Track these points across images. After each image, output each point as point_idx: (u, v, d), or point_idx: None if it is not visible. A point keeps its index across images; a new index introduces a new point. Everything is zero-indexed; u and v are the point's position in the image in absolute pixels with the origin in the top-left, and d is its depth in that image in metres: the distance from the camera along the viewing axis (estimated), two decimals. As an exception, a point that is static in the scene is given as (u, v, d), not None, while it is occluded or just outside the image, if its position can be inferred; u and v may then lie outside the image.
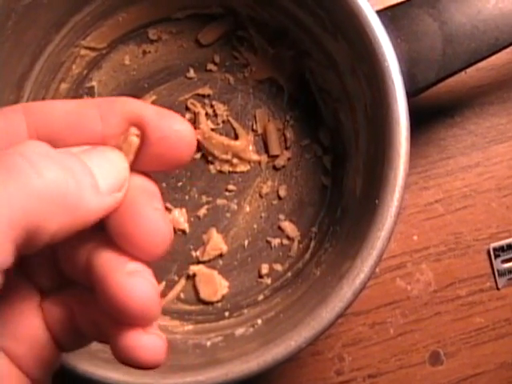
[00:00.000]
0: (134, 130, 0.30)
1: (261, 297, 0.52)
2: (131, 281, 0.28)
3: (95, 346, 0.42)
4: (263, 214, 0.54)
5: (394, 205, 0.41)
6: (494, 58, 0.50)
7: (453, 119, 0.56)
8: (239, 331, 0.48)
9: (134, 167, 0.31)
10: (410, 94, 0.45)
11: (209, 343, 0.48)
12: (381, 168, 0.43)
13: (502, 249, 0.54)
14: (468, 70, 0.54)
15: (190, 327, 0.51)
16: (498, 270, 0.54)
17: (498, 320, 0.54)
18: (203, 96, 0.55)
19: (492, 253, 0.54)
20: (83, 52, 0.52)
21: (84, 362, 0.41)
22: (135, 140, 0.30)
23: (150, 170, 0.32)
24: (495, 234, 0.55)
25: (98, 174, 0.28)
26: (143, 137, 0.30)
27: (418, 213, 0.55)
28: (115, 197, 0.29)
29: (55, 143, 0.28)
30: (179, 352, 0.47)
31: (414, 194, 0.55)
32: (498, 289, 0.55)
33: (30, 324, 0.30)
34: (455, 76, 0.48)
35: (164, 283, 0.53)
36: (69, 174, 0.26)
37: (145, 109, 0.30)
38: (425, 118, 0.56)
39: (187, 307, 0.52)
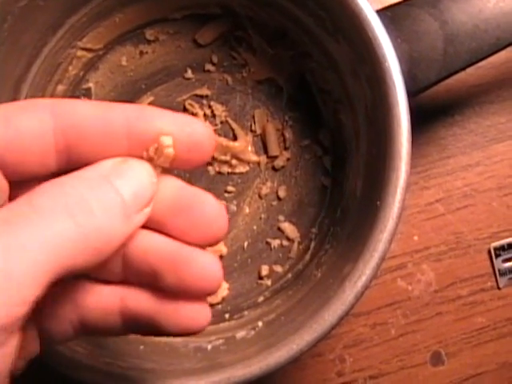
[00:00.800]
0: (167, 141, 0.29)
1: (261, 298, 0.52)
2: (215, 266, 0.30)
3: (96, 350, 0.43)
4: (263, 215, 0.53)
5: (396, 206, 0.41)
6: (493, 56, 0.50)
7: (453, 118, 0.56)
8: (240, 334, 0.48)
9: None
10: (411, 94, 0.44)
11: (210, 346, 0.47)
12: (382, 169, 0.42)
13: (502, 248, 0.54)
14: (467, 69, 0.54)
15: (190, 330, 0.50)
16: (499, 270, 0.54)
17: (499, 320, 0.54)
18: (201, 97, 0.54)
19: (493, 252, 0.54)
20: (80, 53, 0.52)
21: (85, 366, 0.41)
22: (171, 151, 0.30)
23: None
24: (496, 233, 0.55)
25: (127, 195, 0.28)
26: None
27: (418, 213, 0.55)
28: (144, 213, 0.29)
29: (81, 148, 0.29)
30: (180, 356, 0.47)
31: (414, 193, 0.55)
32: (499, 288, 0.54)
33: None
34: (455, 75, 0.48)
35: (163, 286, 0.52)
36: (102, 213, 0.27)
37: (170, 124, 0.30)
38: (425, 118, 0.55)
39: (187, 310, 0.52)
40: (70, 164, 0.29)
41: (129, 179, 0.29)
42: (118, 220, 0.27)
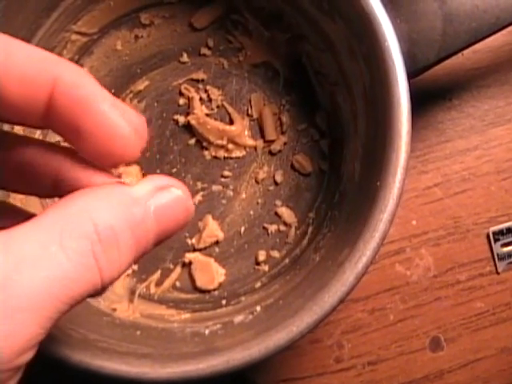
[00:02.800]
0: None
1: (258, 284, 0.51)
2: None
3: (91, 335, 0.42)
4: (259, 200, 0.53)
5: (396, 186, 0.40)
6: (491, 40, 0.50)
7: (451, 102, 0.56)
8: (238, 319, 0.47)
9: None
10: (410, 75, 0.44)
11: (207, 331, 0.47)
12: (381, 150, 0.42)
13: (501, 232, 0.54)
14: (465, 53, 0.54)
15: (187, 316, 0.50)
16: (497, 254, 0.54)
17: (498, 304, 0.54)
18: (197, 81, 0.54)
19: (491, 237, 0.54)
20: (74, 37, 0.51)
21: (79, 351, 0.40)
22: None
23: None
24: (494, 217, 0.54)
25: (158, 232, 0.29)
26: None
27: (416, 197, 0.54)
28: None
29: None
30: (177, 340, 0.46)
31: (412, 178, 0.54)
32: (497, 273, 0.54)
33: None
34: (452, 59, 0.48)
35: (159, 272, 0.52)
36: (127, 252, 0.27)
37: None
38: (422, 102, 0.55)
39: (183, 296, 0.51)
40: None
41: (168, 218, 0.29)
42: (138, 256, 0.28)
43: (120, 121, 0.29)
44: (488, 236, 0.54)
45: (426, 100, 0.55)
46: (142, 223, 0.27)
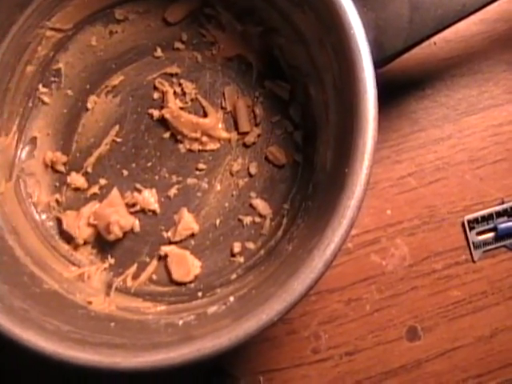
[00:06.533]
0: None
1: (234, 276, 0.51)
2: None
3: (65, 327, 0.42)
4: (234, 193, 0.53)
5: (364, 172, 0.40)
6: (463, 29, 0.50)
7: (423, 92, 0.56)
8: (212, 309, 0.47)
9: None
10: (378, 64, 0.44)
11: (181, 322, 0.47)
12: (350, 138, 0.42)
13: (476, 221, 0.54)
14: (437, 42, 0.54)
15: (162, 308, 0.50)
16: (473, 243, 0.54)
17: (474, 293, 0.54)
18: (171, 75, 0.54)
19: (467, 225, 0.54)
20: (49, 33, 0.52)
21: (53, 342, 0.40)
22: None
23: None
24: (469, 206, 0.55)
25: None
26: None
27: (390, 187, 0.54)
28: None
29: None
30: (151, 331, 0.46)
31: (386, 167, 0.54)
32: (473, 261, 0.54)
33: None
34: (425, 48, 0.48)
35: (136, 265, 0.52)
36: None
37: None
38: (395, 91, 0.55)
39: (160, 289, 0.52)
40: None
41: None
42: None
43: None
44: (463, 224, 0.54)
45: (398, 90, 0.55)
46: None
